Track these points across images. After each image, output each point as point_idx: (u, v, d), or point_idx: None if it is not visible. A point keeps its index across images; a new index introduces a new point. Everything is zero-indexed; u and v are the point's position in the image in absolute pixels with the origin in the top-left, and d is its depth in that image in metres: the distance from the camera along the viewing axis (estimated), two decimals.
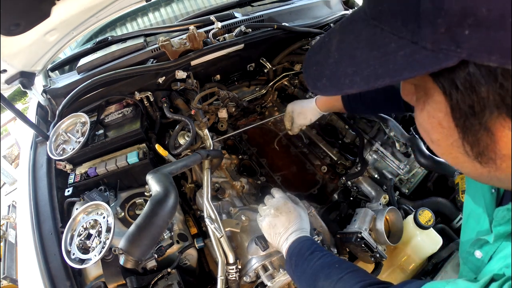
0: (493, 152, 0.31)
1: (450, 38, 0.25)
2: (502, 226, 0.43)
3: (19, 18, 0.82)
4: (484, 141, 0.31)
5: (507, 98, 0.26)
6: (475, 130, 0.30)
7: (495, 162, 0.32)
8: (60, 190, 1.07)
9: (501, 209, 0.42)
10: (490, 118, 0.28)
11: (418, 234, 0.99)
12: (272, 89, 1.53)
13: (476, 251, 0.50)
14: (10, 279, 2.01)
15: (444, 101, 0.31)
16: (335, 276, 0.64)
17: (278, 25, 1.32)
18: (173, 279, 0.88)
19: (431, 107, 0.33)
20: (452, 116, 0.31)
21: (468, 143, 0.32)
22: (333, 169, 1.43)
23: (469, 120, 0.30)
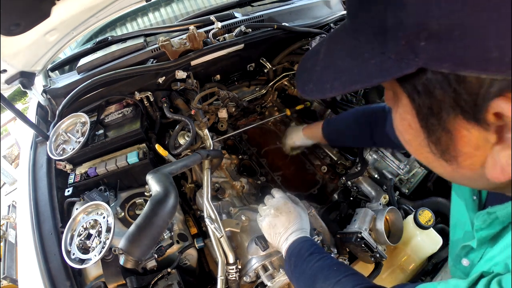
0: (454, 150, 0.34)
1: (410, 49, 0.28)
2: (484, 231, 0.44)
3: (19, 18, 0.82)
4: (445, 140, 0.34)
5: (461, 101, 0.29)
6: (436, 130, 0.34)
7: (457, 160, 0.35)
8: (60, 190, 1.07)
9: (482, 213, 0.43)
10: (448, 119, 0.32)
11: (418, 234, 0.99)
12: (272, 89, 1.53)
13: (463, 259, 0.51)
14: (10, 279, 2.01)
15: (409, 104, 0.34)
16: (333, 278, 0.65)
17: (278, 25, 1.32)
18: (173, 279, 0.88)
19: (402, 109, 0.37)
20: (417, 118, 0.35)
21: (432, 143, 0.35)
22: (333, 169, 1.43)
23: (430, 120, 0.33)
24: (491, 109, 0.28)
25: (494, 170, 0.31)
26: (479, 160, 0.33)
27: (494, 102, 0.27)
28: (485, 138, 0.30)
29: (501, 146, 0.30)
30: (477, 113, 0.29)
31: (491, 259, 0.42)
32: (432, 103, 0.31)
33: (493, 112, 0.28)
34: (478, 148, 0.32)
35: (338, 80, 0.35)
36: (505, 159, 0.30)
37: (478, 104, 0.28)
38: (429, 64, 0.28)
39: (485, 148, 0.31)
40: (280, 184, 1.41)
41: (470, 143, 0.32)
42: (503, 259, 0.38)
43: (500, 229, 0.42)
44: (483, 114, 0.28)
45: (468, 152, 0.33)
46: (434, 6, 0.26)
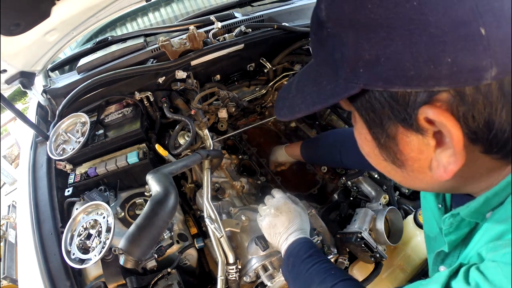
0: (401, 155, 0.39)
1: (353, 75, 0.35)
2: (453, 234, 0.46)
3: (19, 18, 0.82)
4: (392, 147, 0.39)
5: (395, 111, 0.35)
6: (382, 138, 0.39)
7: (406, 164, 0.39)
8: (60, 190, 1.07)
9: (446, 217, 0.45)
10: (389, 128, 0.37)
11: (418, 234, 0.99)
12: (272, 89, 1.52)
13: (440, 267, 0.53)
14: (10, 279, 2.01)
15: (361, 119, 0.40)
16: (329, 282, 0.67)
17: (278, 25, 1.32)
18: (173, 279, 0.88)
19: (358, 125, 0.43)
20: (368, 130, 0.41)
21: (383, 151, 0.41)
22: (333, 169, 1.43)
23: (376, 130, 0.39)
24: (420, 116, 0.33)
25: (438, 170, 0.36)
26: (425, 163, 0.37)
27: (421, 109, 0.32)
28: (425, 143, 0.35)
29: (441, 149, 0.35)
30: (410, 120, 0.34)
31: (465, 257, 0.44)
32: (375, 115, 0.37)
33: (422, 118, 0.33)
34: (422, 152, 0.36)
35: (304, 103, 0.43)
36: (446, 159, 0.35)
37: (409, 113, 0.34)
38: (368, 85, 0.34)
39: (428, 151, 0.36)
40: (280, 184, 1.41)
41: (413, 148, 0.37)
42: (475, 252, 0.40)
43: (468, 231, 0.44)
44: (415, 121, 0.34)
45: (414, 156, 0.38)
46: (365, 43, 0.33)
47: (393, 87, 0.32)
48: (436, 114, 0.32)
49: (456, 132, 0.32)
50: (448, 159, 0.34)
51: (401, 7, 0.30)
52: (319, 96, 0.41)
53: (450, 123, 0.31)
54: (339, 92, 0.37)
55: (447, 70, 0.29)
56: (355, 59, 0.34)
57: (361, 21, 0.33)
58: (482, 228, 0.41)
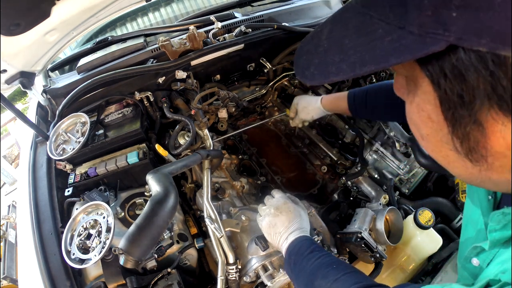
0: (484, 148, 0.29)
1: (437, 21, 0.23)
2: (498, 232, 0.41)
3: (19, 18, 0.82)
4: (475, 136, 0.29)
5: (499, 88, 0.24)
6: (464, 122, 0.29)
7: (486, 160, 0.30)
8: (60, 190, 1.07)
9: (496, 213, 0.40)
10: (481, 110, 0.27)
11: (418, 234, 0.99)
12: (272, 89, 1.53)
13: (473, 259, 0.50)
14: (10, 279, 2.01)
15: (432, 91, 0.29)
16: (332, 276, 0.64)
17: (278, 25, 1.32)
18: (173, 279, 0.88)
19: (421, 98, 0.32)
20: (441, 108, 0.30)
21: (457, 138, 0.30)
22: (333, 169, 1.43)
23: (458, 111, 0.28)
24: None
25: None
26: (509, 162, 0.28)
27: None
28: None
29: None
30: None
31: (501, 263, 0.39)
32: (463, 89, 0.26)
33: None
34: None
35: (346, 62, 0.30)
36: None
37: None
38: (463, 40, 0.23)
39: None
40: (280, 184, 1.41)
41: (504, 140, 0.27)
42: None
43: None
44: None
45: (500, 151, 0.28)
46: None
47: (507, 48, 0.21)
48: None
49: None
50: None
51: None
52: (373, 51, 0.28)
53: None
54: (408, 47, 0.25)
55: None
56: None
57: None
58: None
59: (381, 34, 0.27)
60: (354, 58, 0.29)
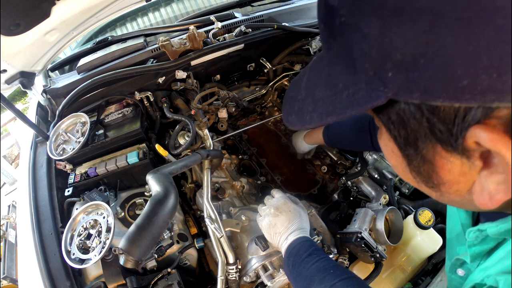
0: (436, 179, 0.33)
1: (378, 80, 0.27)
2: (477, 247, 0.43)
3: (19, 18, 0.82)
4: (426, 170, 0.33)
5: (436, 130, 0.28)
6: (415, 160, 0.33)
7: (441, 188, 0.34)
8: (60, 190, 1.07)
9: (473, 230, 0.42)
10: (426, 149, 0.30)
11: (418, 234, 0.99)
12: (272, 89, 1.53)
13: (458, 270, 0.51)
14: (10, 279, 2.01)
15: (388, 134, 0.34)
16: (328, 282, 0.65)
17: (278, 25, 1.32)
18: (173, 279, 0.88)
19: (384, 136, 0.35)
20: (397, 147, 0.34)
21: (413, 171, 0.34)
22: (333, 169, 1.43)
23: (408, 151, 0.32)
24: (469, 138, 0.26)
25: (481, 196, 0.29)
26: (465, 186, 0.31)
27: (471, 131, 0.26)
28: (469, 165, 0.29)
29: (488, 171, 0.28)
30: (455, 142, 0.27)
31: (485, 269, 0.41)
32: (407, 133, 0.30)
33: (471, 141, 0.26)
34: (464, 175, 0.30)
35: (316, 112, 0.34)
36: (493, 186, 0.28)
37: (454, 134, 0.27)
38: (399, 95, 0.26)
39: (471, 173, 0.29)
40: (280, 184, 1.41)
41: (453, 171, 0.30)
42: (495, 273, 0.37)
43: (494, 245, 0.41)
44: (461, 143, 0.27)
45: (452, 179, 0.31)
46: (395, 37, 0.24)
47: (436, 99, 0.24)
48: (491, 141, 0.25)
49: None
50: (497, 187, 0.28)
51: None
52: (334, 104, 0.32)
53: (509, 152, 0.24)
54: (360, 101, 0.29)
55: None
56: (382, 59, 0.26)
57: (389, 5, 0.24)
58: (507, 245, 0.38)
59: (341, 88, 0.31)
60: (322, 109, 0.34)
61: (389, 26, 0.25)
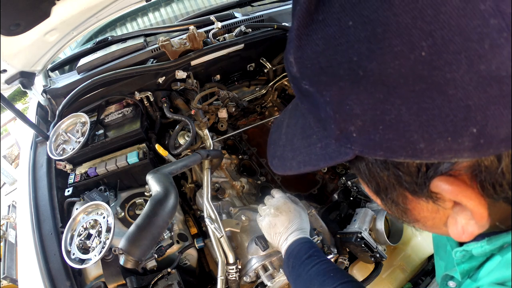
0: (411, 216, 0.34)
1: (345, 138, 0.28)
2: (466, 264, 0.44)
3: (19, 18, 0.82)
4: (399, 211, 0.35)
5: (403, 181, 0.30)
6: (388, 203, 0.35)
7: (417, 224, 0.36)
8: (60, 190, 1.07)
9: (459, 250, 0.43)
10: (396, 195, 0.32)
11: (418, 234, 0.99)
12: (272, 89, 1.52)
13: (449, 282, 0.52)
14: (10, 279, 2.02)
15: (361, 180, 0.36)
16: (328, 285, 0.65)
17: (278, 25, 1.32)
18: (173, 279, 0.88)
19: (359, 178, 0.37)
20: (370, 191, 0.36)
21: (389, 209, 0.37)
22: (333, 169, 1.43)
23: (380, 195, 0.34)
24: (433, 188, 0.28)
25: (456, 230, 0.30)
26: (440, 221, 0.32)
27: (434, 183, 0.27)
28: (440, 205, 0.30)
29: (459, 208, 0.29)
30: (421, 191, 0.29)
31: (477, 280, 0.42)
32: (377, 183, 0.32)
33: (436, 190, 0.28)
34: (436, 212, 0.31)
35: (295, 160, 0.36)
36: (465, 220, 0.29)
37: (419, 184, 0.28)
38: (364, 152, 0.28)
39: (444, 210, 0.31)
40: (280, 184, 1.41)
41: (425, 210, 0.32)
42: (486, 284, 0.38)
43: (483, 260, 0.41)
44: (428, 191, 0.29)
45: (426, 216, 0.33)
46: (354, 106, 0.26)
47: (398, 157, 0.26)
48: (452, 192, 0.26)
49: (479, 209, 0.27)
50: (468, 222, 0.29)
51: (403, 59, 0.22)
52: (309, 155, 0.34)
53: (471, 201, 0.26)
54: (331, 155, 0.31)
55: (471, 142, 0.22)
56: (345, 123, 0.28)
57: (345, 77, 0.26)
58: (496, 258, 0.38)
59: (315, 140, 0.33)
60: (300, 158, 0.36)
61: (347, 95, 0.26)
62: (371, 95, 0.24)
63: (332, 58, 0.26)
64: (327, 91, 0.28)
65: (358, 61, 0.24)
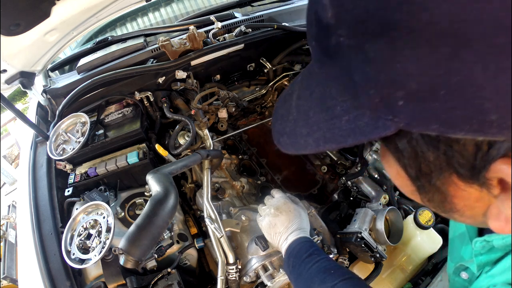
0: (449, 205, 0.31)
1: (387, 108, 0.23)
2: (484, 256, 0.42)
3: (19, 18, 0.82)
4: (438, 198, 0.30)
5: (454, 163, 0.25)
6: (427, 189, 0.30)
7: (455, 213, 0.32)
8: (60, 190, 1.07)
9: (479, 240, 0.41)
10: (440, 180, 0.28)
11: (418, 234, 0.99)
12: (272, 89, 1.52)
13: (462, 273, 0.51)
14: (10, 279, 2.02)
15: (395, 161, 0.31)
16: (328, 283, 0.65)
17: (278, 25, 1.32)
18: (173, 279, 0.88)
19: (388, 158, 0.32)
20: (405, 174, 0.31)
21: (425, 197, 0.32)
22: (333, 169, 1.43)
23: (419, 180, 0.30)
24: (493, 173, 0.24)
25: (498, 221, 0.27)
26: (480, 210, 0.29)
27: (495, 166, 0.23)
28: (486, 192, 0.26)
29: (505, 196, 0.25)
30: (476, 175, 0.25)
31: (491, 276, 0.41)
32: (420, 165, 0.28)
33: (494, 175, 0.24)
34: (479, 200, 0.28)
35: (311, 137, 0.30)
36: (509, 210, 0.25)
37: (475, 167, 0.24)
38: (412, 126, 0.23)
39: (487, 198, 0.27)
40: (280, 184, 1.41)
41: (468, 198, 0.28)
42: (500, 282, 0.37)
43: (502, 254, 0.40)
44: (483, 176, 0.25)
45: (467, 205, 0.29)
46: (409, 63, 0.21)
47: (457, 132, 0.21)
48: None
49: None
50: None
51: (485, 2, 0.17)
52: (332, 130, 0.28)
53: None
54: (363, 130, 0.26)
55: None
56: (391, 86, 0.22)
57: (402, 24, 0.20)
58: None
59: (339, 112, 0.27)
60: (318, 134, 0.30)
61: (401, 50, 0.21)
62: (435, 49, 0.20)
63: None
64: (372, 43, 0.22)
65: (422, 2, 0.19)
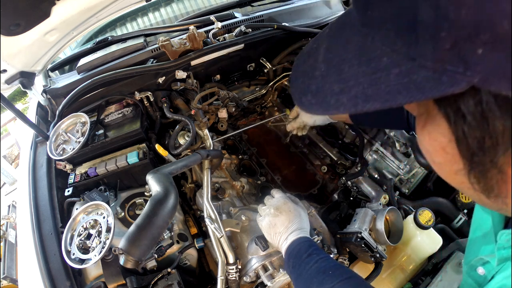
0: (503, 191, 0.27)
1: (458, 57, 0.19)
2: (506, 250, 0.40)
3: (19, 18, 0.82)
4: (494, 179, 0.26)
5: None
6: (483, 166, 0.26)
7: (504, 200, 0.27)
8: (60, 190, 1.07)
9: (505, 233, 0.39)
10: (504, 156, 0.23)
11: (418, 234, 0.99)
12: (272, 89, 1.52)
13: (478, 268, 0.49)
14: (10, 279, 2.02)
15: (448, 128, 0.25)
16: (327, 283, 0.64)
17: (278, 25, 1.32)
18: (173, 279, 0.88)
19: (433, 128, 0.27)
20: (457, 146, 0.26)
21: (475, 177, 0.27)
22: (333, 169, 1.43)
23: (477, 155, 0.25)
24: None
25: None
26: None
27: None
28: None
29: None
30: None
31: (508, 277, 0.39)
32: (484, 134, 0.23)
33: None
34: None
35: (346, 94, 0.26)
36: None
37: None
38: (490, 82, 0.19)
39: None
40: (280, 184, 1.41)
41: None
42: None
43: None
44: None
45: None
46: None
47: None
48: None
49: None
50: None
51: None
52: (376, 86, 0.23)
53: None
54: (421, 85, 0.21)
55: None
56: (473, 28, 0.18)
57: None
58: None
59: (386, 64, 0.23)
60: (355, 91, 0.25)
61: None
62: None
63: None
64: None
65: None
